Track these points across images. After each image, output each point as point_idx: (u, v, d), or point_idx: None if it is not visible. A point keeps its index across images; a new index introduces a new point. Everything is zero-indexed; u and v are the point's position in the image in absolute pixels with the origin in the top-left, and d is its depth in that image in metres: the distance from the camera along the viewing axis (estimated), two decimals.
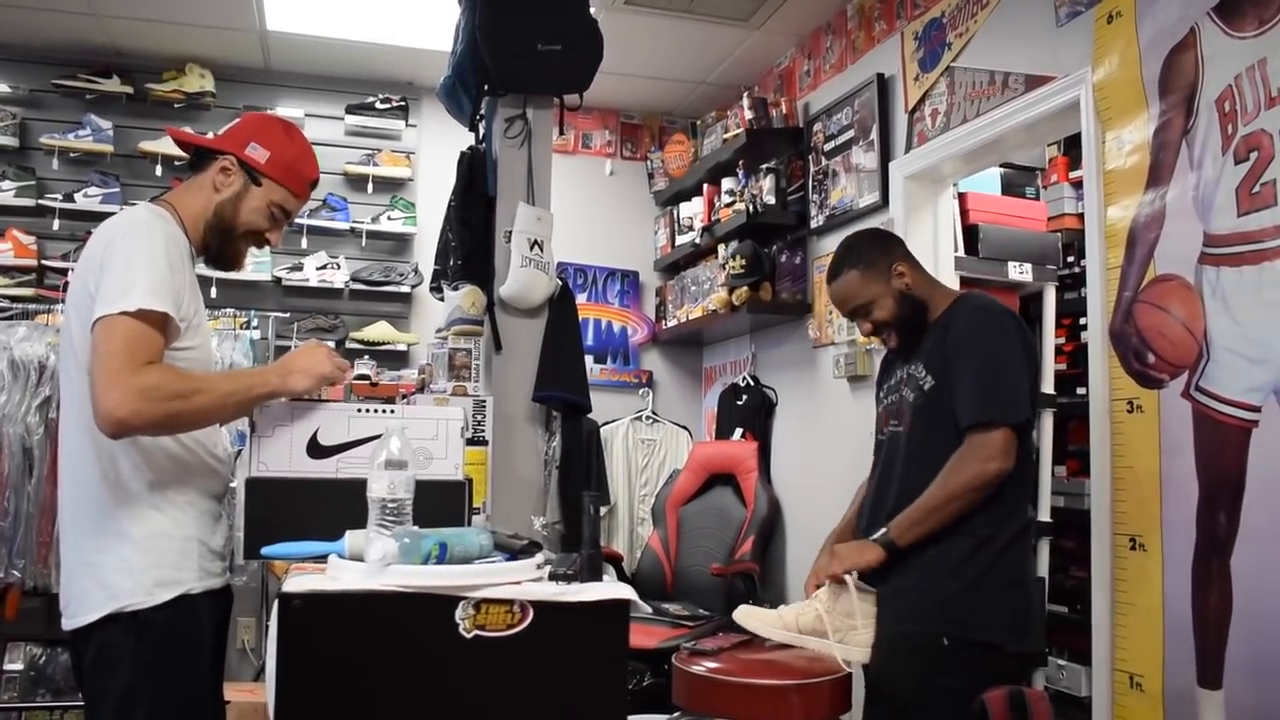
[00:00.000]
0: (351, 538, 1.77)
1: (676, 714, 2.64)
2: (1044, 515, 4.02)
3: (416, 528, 1.73)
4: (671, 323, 5.78)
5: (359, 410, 2.14)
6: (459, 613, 1.66)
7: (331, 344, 5.12)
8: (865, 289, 2.73)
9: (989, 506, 2.50)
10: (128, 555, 1.98)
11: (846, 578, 2.53)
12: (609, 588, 1.76)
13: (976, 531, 2.51)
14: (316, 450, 2.09)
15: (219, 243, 2.22)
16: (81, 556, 2.03)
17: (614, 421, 5.70)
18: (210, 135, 2.34)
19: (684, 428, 5.85)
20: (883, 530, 2.53)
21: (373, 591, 1.64)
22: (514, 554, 1.83)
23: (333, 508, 1.94)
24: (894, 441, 2.71)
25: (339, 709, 1.65)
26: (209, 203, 2.19)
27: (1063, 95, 3.26)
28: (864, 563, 2.52)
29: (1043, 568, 4.00)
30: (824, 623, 2.55)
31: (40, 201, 5.01)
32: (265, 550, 1.92)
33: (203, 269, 2.28)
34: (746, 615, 2.73)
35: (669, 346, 6.08)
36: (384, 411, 2.16)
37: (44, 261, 5.00)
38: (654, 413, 5.84)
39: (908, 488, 2.57)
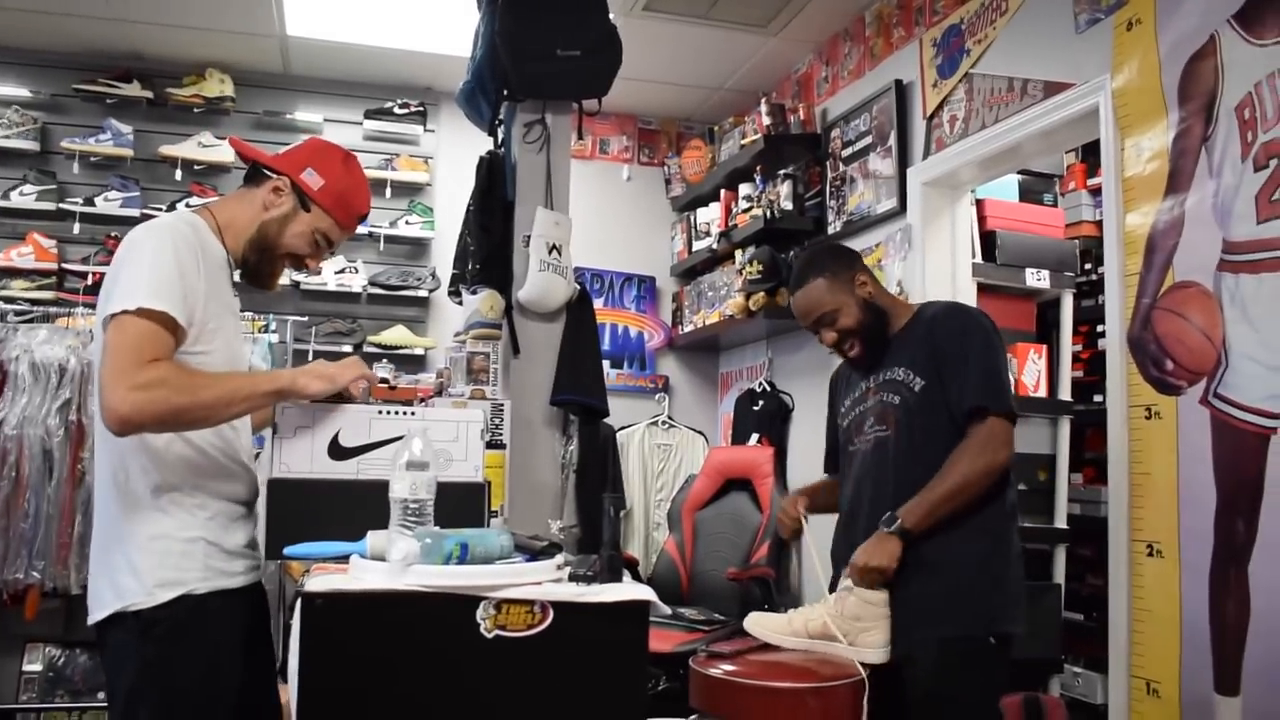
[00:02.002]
0: (373, 538, 1.78)
1: (693, 717, 2.64)
2: (1060, 522, 4.02)
3: (438, 528, 1.74)
4: (688, 328, 5.79)
5: (380, 412, 2.15)
6: (480, 613, 1.67)
7: (349, 348, 5.18)
8: (831, 297, 2.73)
9: (996, 502, 2.56)
10: (133, 556, 1.99)
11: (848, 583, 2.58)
12: (629, 589, 1.77)
13: (990, 529, 2.56)
14: (338, 452, 2.11)
15: (257, 259, 2.23)
16: (98, 557, 2.07)
17: (630, 426, 5.71)
18: (271, 153, 2.33)
19: (700, 433, 5.86)
20: (896, 520, 2.51)
21: (395, 591, 1.65)
22: (534, 555, 1.84)
23: (354, 509, 1.96)
24: (880, 447, 2.69)
25: (361, 707, 1.66)
26: (254, 219, 2.20)
27: (1081, 102, 3.26)
28: (891, 558, 2.50)
29: (1059, 575, 3.99)
30: (831, 628, 2.56)
31: (61, 205, 5.04)
32: (288, 550, 1.93)
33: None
34: (757, 623, 2.74)
35: (685, 352, 6.08)
36: (405, 414, 2.17)
37: (64, 265, 5.03)
38: (670, 418, 5.85)
39: (906, 488, 2.56)
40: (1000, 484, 2.57)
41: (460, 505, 2.05)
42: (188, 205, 4.69)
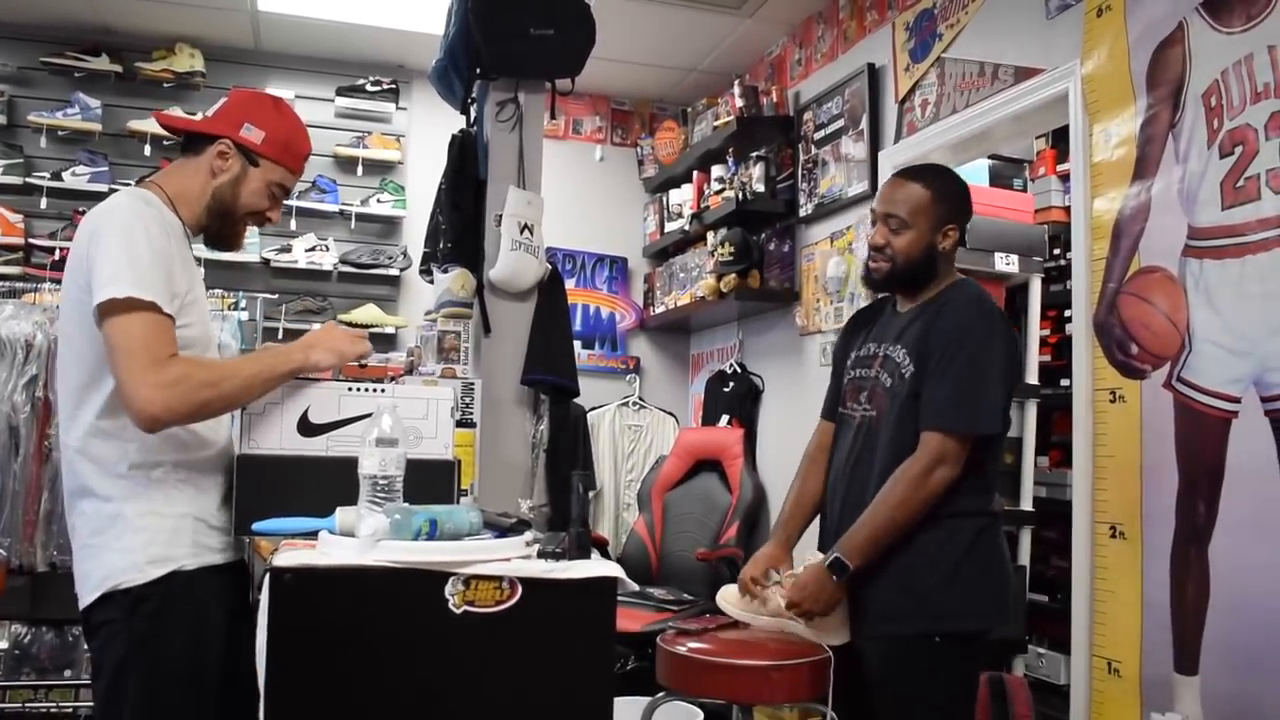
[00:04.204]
0: (342, 514, 1.78)
1: (660, 694, 2.66)
2: (1026, 505, 4.06)
3: (407, 504, 1.74)
4: (660, 309, 5.79)
5: (350, 389, 2.15)
6: (449, 588, 1.68)
7: (318, 326, 5.14)
8: (918, 213, 2.60)
9: (956, 496, 2.46)
10: (121, 535, 1.99)
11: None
12: (597, 565, 1.78)
13: (942, 520, 2.47)
14: (307, 428, 2.10)
15: (219, 225, 2.22)
16: (82, 540, 2.05)
17: (601, 407, 5.72)
18: (199, 117, 2.31)
19: (670, 414, 5.88)
20: (840, 560, 2.47)
21: (364, 567, 1.66)
22: (503, 531, 1.85)
23: (323, 485, 1.96)
24: (869, 426, 2.64)
25: (329, 682, 1.66)
26: (205, 186, 2.18)
27: (1051, 88, 3.28)
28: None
29: (1024, 557, 4.03)
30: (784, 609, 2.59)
31: (28, 179, 4.99)
32: (256, 526, 1.94)
33: (200, 250, 2.28)
34: (725, 595, 2.77)
35: (657, 333, 6.09)
36: (374, 390, 2.17)
37: (31, 240, 4.99)
38: (641, 399, 5.86)
39: (886, 477, 2.52)
40: (966, 481, 2.48)
41: (430, 483, 2.05)
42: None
